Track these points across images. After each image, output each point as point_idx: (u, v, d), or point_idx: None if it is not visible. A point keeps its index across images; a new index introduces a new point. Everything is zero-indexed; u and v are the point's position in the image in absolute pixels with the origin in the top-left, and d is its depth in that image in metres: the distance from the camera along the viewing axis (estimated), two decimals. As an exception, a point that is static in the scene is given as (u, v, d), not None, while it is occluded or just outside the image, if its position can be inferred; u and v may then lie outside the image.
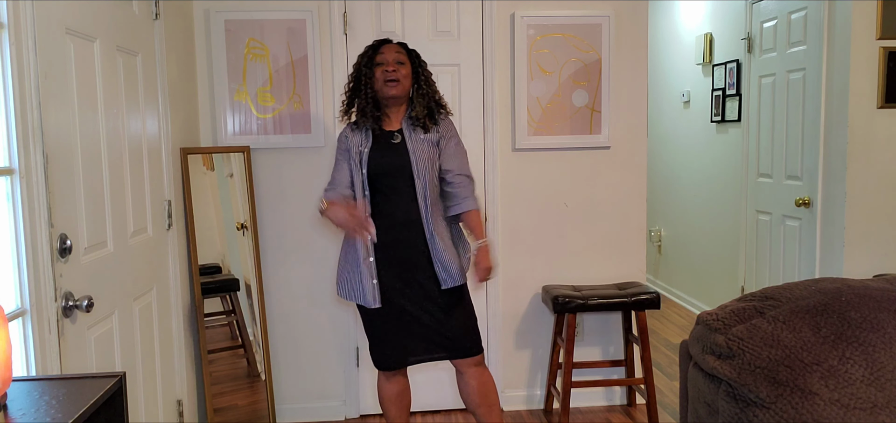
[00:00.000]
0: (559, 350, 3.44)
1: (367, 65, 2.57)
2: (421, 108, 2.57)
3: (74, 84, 2.03)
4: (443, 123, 2.62)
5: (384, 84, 2.53)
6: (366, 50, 2.61)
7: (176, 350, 2.84)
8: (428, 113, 2.58)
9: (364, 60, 2.59)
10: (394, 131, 2.59)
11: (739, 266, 4.57)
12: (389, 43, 2.62)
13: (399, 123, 2.60)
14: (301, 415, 3.46)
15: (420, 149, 2.55)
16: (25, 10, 1.77)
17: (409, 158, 2.53)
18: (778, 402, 1.64)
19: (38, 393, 1.38)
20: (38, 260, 1.81)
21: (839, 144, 3.48)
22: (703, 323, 1.85)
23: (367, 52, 2.60)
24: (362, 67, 2.58)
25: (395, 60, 2.55)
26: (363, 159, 2.54)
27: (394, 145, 2.57)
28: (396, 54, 2.57)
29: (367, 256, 2.55)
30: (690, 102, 5.31)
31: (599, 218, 3.51)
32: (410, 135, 2.57)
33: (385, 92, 2.54)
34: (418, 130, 2.57)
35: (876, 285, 1.85)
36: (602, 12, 3.37)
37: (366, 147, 2.55)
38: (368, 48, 2.61)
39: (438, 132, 2.59)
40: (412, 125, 2.58)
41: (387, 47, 2.59)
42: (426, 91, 2.60)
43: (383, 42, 2.62)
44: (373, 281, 2.55)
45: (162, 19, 2.75)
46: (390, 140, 2.58)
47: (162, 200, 2.75)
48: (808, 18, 3.68)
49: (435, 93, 2.63)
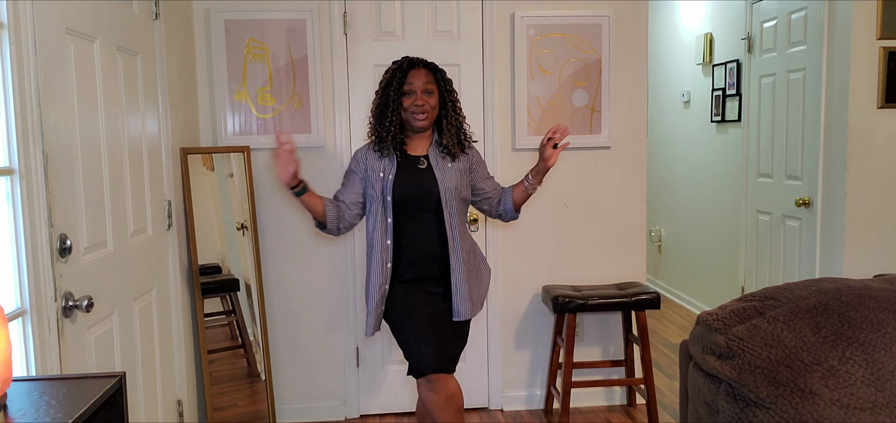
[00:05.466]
0: (559, 350, 3.44)
1: (396, 91, 2.44)
2: (450, 137, 2.48)
3: (74, 84, 2.03)
4: (470, 151, 2.56)
5: (412, 117, 2.44)
6: (393, 72, 2.47)
7: (176, 350, 2.84)
8: (458, 142, 2.50)
9: (392, 85, 2.45)
10: (419, 157, 2.50)
11: (739, 266, 4.57)
12: (418, 67, 2.47)
13: (424, 149, 2.52)
14: (301, 415, 3.46)
15: (448, 177, 2.47)
16: (25, 10, 1.77)
17: (437, 185, 2.46)
18: (778, 402, 1.64)
19: (38, 393, 1.38)
20: (38, 260, 1.81)
21: (839, 144, 3.48)
22: (703, 323, 1.85)
23: (396, 76, 2.45)
24: (391, 92, 2.45)
25: (423, 89, 2.43)
26: (387, 186, 2.45)
27: (420, 171, 2.48)
28: (425, 84, 2.44)
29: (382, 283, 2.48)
30: (690, 102, 5.31)
31: (599, 218, 3.51)
32: (437, 163, 2.49)
33: (412, 123, 2.45)
34: (446, 158, 2.49)
35: (876, 285, 1.85)
36: (602, 12, 3.37)
37: (390, 174, 2.46)
38: (397, 70, 2.46)
39: (469, 161, 2.54)
40: (441, 153, 2.50)
41: (415, 74, 2.45)
42: (454, 118, 2.51)
43: (413, 64, 2.47)
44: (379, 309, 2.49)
45: (162, 19, 2.75)
46: (416, 165, 2.49)
47: (162, 200, 2.75)
48: (808, 18, 3.68)
49: (462, 120, 2.54)
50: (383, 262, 2.47)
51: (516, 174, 3.43)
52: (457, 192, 2.49)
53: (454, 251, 2.47)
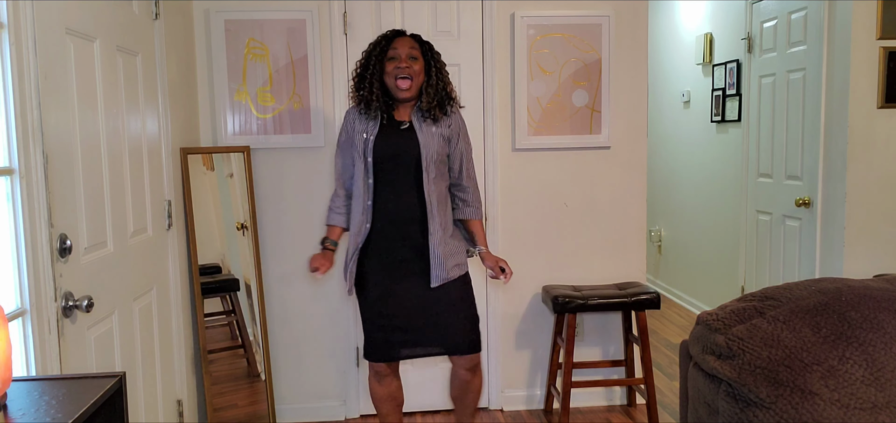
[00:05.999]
0: (559, 350, 3.44)
1: (379, 56, 2.48)
2: (428, 99, 2.49)
3: (74, 84, 2.03)
4: (453, 117, 2.56)
5: (396, 83, 2.46)
6: (379, 39, 2.51)
7: (176, 350, 2.84)
8: (437, 103, 2.50)
9: (375, 50, 2.49)
10: (403, 121, 2.53)
11: (739, 266, 4.57)
12: (403, 36, 2.52)
13: (408, 115, 2.54)
14: (301, 415, 3.46)
15: (430, 140, 2.48)
16: (25, 10, 1.77)
17: (419, 146, 2.47)
18: (778, 402, 1.64)
19: (38, 393, 1.38)
20: (38, 260, 1.81)
21: (839, 144, 3.48)
22: (703, 323, 1.85)
23: (380, 43, 2.50)
24: (372, 56, 2.49)
25: (408, 56, 2.47)
26: (368, 146, 2.47)
27: (402, 132, 2.50)
28: (410, 49, 2.48)
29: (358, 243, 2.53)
30: (690, 102, 5.31)
31: (599, 218, 3.51)
32: (420, 126, 2.50)
33: (397, 92, 2.47)
34: (428, 122, 2.50)
35: (876, 285, 1.85)
36: (602, 12, 3.37)
37: (372, 134, 2.48)
38: (381, 38, 2.51)
39: (449, 127, 2.54)
40: (422, 117, 2.51)
41: (400, 41, 2.49)
42: (437, 84, 2.51)
43: (397, 34, 2.52)
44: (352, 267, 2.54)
45: (162, 19, 2.75)
46: (399, 126, 2.51)
47: (162, 200, 2.75)
48: (808, 18, 3.68)
49: (447, 85, 2.55)
50: (363, 222, 2.52)
51: (516, 174, 3.44)
52: (438, 155, 2.50)
53: (432, 215, 2.49)
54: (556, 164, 3.46)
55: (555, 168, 3.46)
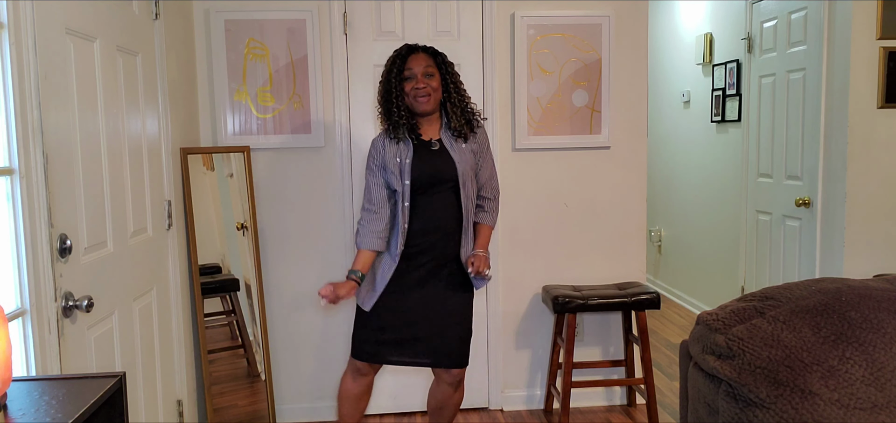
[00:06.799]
0: (559, 350, 3.44)
1: (397, 77, 2.50)
2: (457, 119, 2.53)
3: (74, 84, 2.03)
4: (479, 132, 2.61)
5: (415, 101, 2.48)
6: (394, 58, 2.52)
7: (176, 350, 2.84)
8: (466, 122, 2.55)
9: (393, 72, 2.50)
10: (432, 140, 2.55)
11: (739, 266, 4.57)
12: (416, 52, 2.52)
13: (436, 133, 2.56)
14: (301, 415, 3.46)
15: (463, 158, 2.53)
16: (25, 10, 1.77)
17: (455, 166, 2.51)
18: (778, 402, 1.64)
19: (38, 393, 1.38)
20: (38, 260, 1.81)
21: (839, 144, 3.48)
22: (703, 323, 1.85)
23: (395, 62, 2.51)
24: (392, 79, 2.50)
25: (423, 73, 2.48)
26: (404, 170, 2.49)
27: (434, 153, 2.53)
28: (425, 67, 2.49)
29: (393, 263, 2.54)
30: (690, 102, 5.31)
31: (599, 218, 3.51)
32: (451, 145, 2.53)
33: (416, 107, 2.49)
34: (459, 140, 2.54)
35: (876, 285, 1.85)
36: (602, 12, 3.37)
37: (407, 157, 2.50)
38: (396, 57, 2.52)
39: (477, 142, 2.58)
40: (452, 136, 2.54)
41: (414, 59, 2.50)
42: (458, 100, 2.55)
43: (411, 50, 2.52)
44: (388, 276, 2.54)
45: (162, 19, 2.75)
46: (430, 148, 2.54)
47: (162, 200, 2.75)
48: (808, 18, 3.68)
49: (467, 101, 2.59)
50: (399, 244, 2.53)
51: (516, 174, 3.44)
52: (471, 171, 2.57)
53: (465, 231, 2.56)
54: (556, 164, 3.46)
55: (555, 168, 3.46)
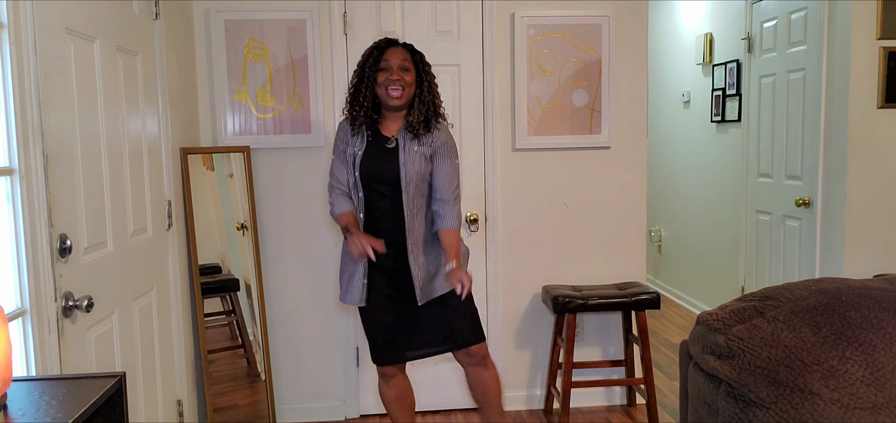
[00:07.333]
0: (559, 350, 3.44)
1: (372, 67, 2.49)
2: (418, 114, 2.49)
3: (74, 84, 2.03)
4: (438, 134, 2.53)
5: (386, 92, 2.47)
6: (371, 49, 2.52)
7: (176, 350, 2.84)
8: (424, 120, 2.50)
9: (368, 61, 2.50)
10: (389, 137, 2.53)
11: (739, 266, 4.57)
12: (396, 46, 2.53)
13: (396, 129, 2.54)
14: (301, 415, 3.46)
15: (411, 160, 2.48)
16: (25, 10, 1.77)
17: (398, 168, 2.48)
18: (778, 402, 1.64)
19: (38, 393, 1.38)
20: (38, 260, 1.81)
21: (839, 144, 3.48)
22: (703, 323, 1.85)
23: (373, 53, 2.50)
24: (366, 68, 2.50)
25: (400, 67, 2.47)
26: (356, 162, 2.51)
27: (387, 151, 2.51)
28: (402, 60, 2.48)
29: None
30: (690, 102, 5.31)
31: (599, 218, 3.51)
32: (404, 145, 2.50)
33: (387, 101, 2.48)
34: (413, 141, 2.50)
35: (876, 285, 1.85)
36: (602, 12, 3.37)
37: (360, 150, 2.51)
38: (374, 48, 2.52)
39: (432, 146, 2.52)
40: (408, 134, 2.51)
41: (392, 51, 2.50)
42: (427, 98, 2.52)
43: (390, 44, 2.53)
44: (363, 281, 2.55)
45: (162, 19, 2.75)
46: (385, 145, 2.52)
47: (162, 200, 2.75)
48: (808, 18, 3.68)
49: (436, 100, 2.55)
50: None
51: (516, 174, 3.43)
52: (418, 176, 2.51)
53: (410, 234, 2.51)
54: (556, 164, 3.46)
55: (555, 168, 3.46)
